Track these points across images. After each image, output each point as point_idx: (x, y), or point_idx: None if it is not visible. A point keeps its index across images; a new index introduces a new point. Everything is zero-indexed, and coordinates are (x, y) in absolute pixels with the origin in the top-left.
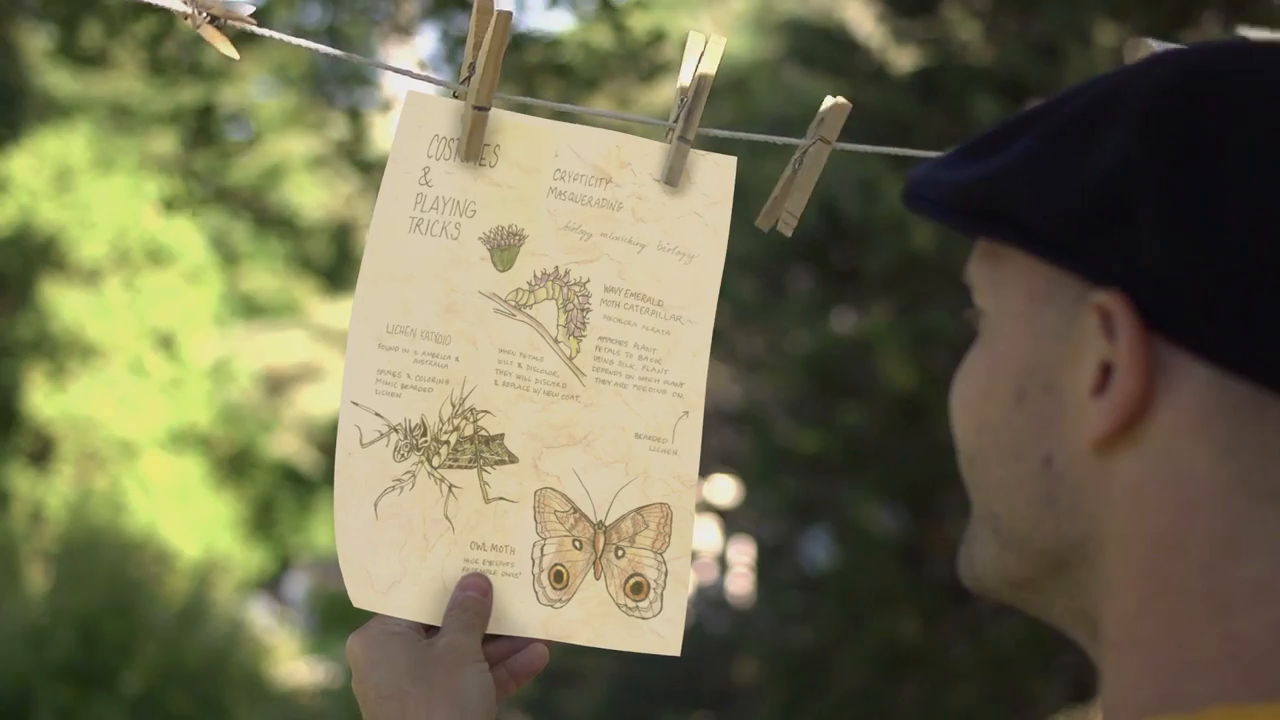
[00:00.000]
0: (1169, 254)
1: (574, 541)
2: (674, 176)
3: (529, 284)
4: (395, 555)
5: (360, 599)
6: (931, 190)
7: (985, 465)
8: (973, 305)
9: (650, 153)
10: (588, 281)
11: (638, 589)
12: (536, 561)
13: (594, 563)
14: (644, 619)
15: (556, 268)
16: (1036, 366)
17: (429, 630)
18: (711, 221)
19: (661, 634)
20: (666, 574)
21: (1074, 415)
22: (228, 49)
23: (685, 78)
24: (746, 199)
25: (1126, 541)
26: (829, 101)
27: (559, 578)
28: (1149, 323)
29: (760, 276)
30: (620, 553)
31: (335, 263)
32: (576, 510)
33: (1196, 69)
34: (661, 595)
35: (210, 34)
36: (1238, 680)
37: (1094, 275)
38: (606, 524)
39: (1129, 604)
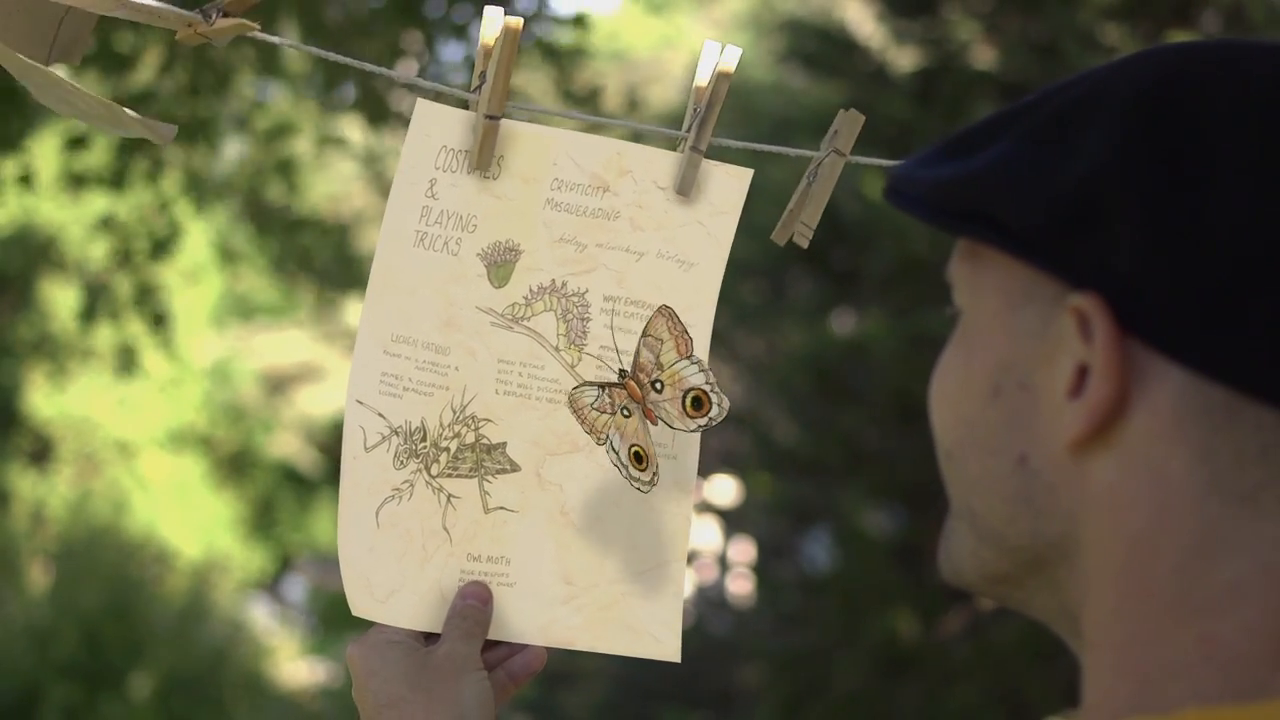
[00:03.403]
0: (1146, 257)
1: (623, 412)
2: (686, 186)
3: (525, 298)
4: (395, 564)
5: (359, 607)
6: (913, 187)
7: (963, 460)
8: (953, 304)
9: (655, 160)
10: (586, 292)
11: (698, 404)
12: (618, 459)
13: (645, 412)
14: (706, 427)
15: (553, 281)
16: (1012, 363)
17: (428, 639)
18: (715, 231)
19: (659, 638)
20: (710, 373)
21: (1050, 416)
22: (159, 135)
23: (699, 86)
24: (750, 201)
25: (1102, 543)
26: (843, 113)
27: (639, 458)
28: (1125, 326)
29: (760, 278)
30: (659, 386)
31: (335, 263)
32: (605, 385)
33: (1175, 71)
34: (720, 399)
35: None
36: (1212, 682)
37: (1072, 277)
38: (629, 369)
39: (1106, 605)
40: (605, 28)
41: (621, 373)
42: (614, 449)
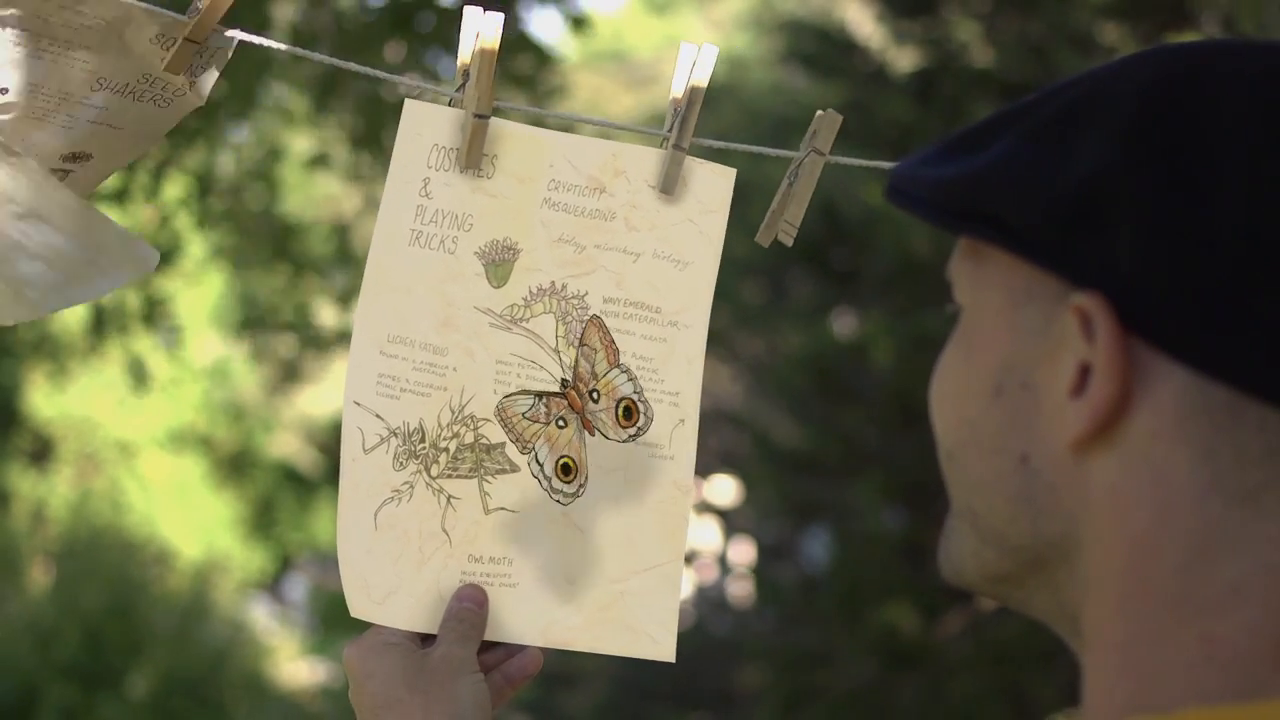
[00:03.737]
0: (1148, 257)
1: (557, 423)
2: (669, 185)
3: (525, 300)
4: (391, 567)
5: (358, 609)
6: (914, 186)
7: (964, 460)
8: (953, 301)
9: (646, 160)
10: (585, 294)
11: (628, 414)
12: (540, 471)
13: (583, 423)
14: (643, 445)
15: (553, 283)
16: (1014, 363)
17: (425, 640)
18: (706, 230)
19: (656, 638)
20: (639, 381)
21: (1051, 415)
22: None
23: (678, 87)
24: (749, 200)
25: (1104, 543)
26: (820, 114)
27: (567, 470)
28: (1128, 325)
29: (761, 278)
30: (596, 396)
31: (336, 263)
32: (542, 394)
33: (1175, 71)
34: (647, 408)
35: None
36: (1213, 682)
37: (1074, 276)
38: (570, 379)
39: (1107, 604)
40: (608, 29)
41: (563, 382)
42: (538, 461)
